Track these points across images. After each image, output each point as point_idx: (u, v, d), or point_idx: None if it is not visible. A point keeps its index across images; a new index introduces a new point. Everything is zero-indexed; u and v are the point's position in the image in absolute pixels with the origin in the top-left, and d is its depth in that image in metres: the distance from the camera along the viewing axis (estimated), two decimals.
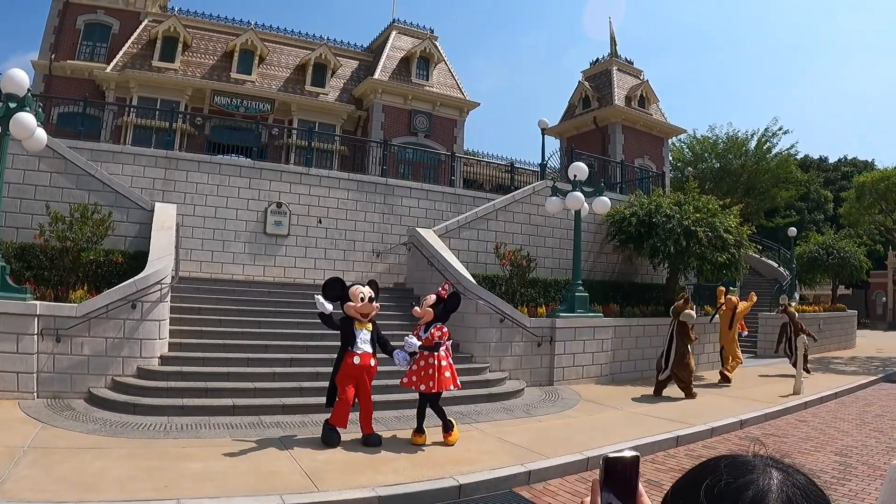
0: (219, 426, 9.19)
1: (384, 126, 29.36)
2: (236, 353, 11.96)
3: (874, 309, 58.53)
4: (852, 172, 53.14)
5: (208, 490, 6.40)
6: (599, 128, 34.80)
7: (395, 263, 19.39)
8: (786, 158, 39.87)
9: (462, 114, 32.05)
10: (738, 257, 18.86)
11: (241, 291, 15.02)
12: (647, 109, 35.62)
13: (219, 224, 17.76)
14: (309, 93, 29.88)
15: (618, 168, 27.40)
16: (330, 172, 20.26)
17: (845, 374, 19.36)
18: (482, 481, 7.49)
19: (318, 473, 7.19)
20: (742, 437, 11.07)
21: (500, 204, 19.32)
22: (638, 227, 18.42)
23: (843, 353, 26.86)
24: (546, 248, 19.63)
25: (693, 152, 41.45)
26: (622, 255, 20.58)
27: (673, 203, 18.90)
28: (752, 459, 1.09)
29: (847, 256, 32.49)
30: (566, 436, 9.96)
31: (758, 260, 33.56)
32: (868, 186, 24.76)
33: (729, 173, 38.89)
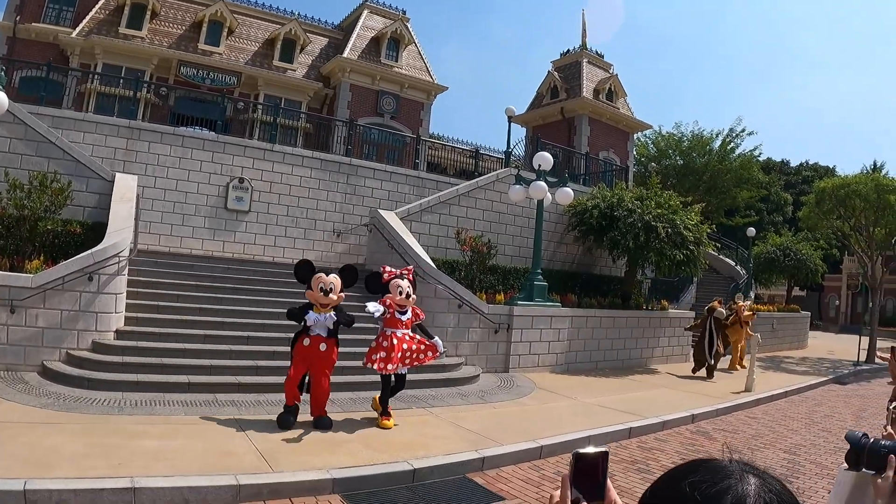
0: (174, 403, 9.12)
1: (351, 105, 29.14)
2: (193, 329, 11.84)
3: (827, 311, 59.77)
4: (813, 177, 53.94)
5: (162, 469, 6.36)
6: (566, 119, 34.88)
7: (356, 244, 19.31)
8: (749, 159, 40.29)
9: (430, 97, 31.95)
10: (697, 254, 19.09)
11: (200, 267, 14.86)
12: (614, 103, 35.78)
13: (179, 197, 17.53)
14: (277, 68, 29.53)
15: (582, 160, 27.58)
16: (294, 150, 20.12)
17: (796, 374, 19.75)
18: (436, 466, 7.55)
19: (272, 454, 7.19)
20: (693, 431, 11.28)
21: (464, 189, 19.35)
22: (599, 220, 18.55)
23: (796, 352, 27.38)
24: (507, 236, 19.72)
25: (658, 148, 41.71)
26: (582, 246, 20.72)
27: (635, 198, 19.05)
28: (729, 465, 1.12)
29: (804, 259, 33.07)
30: (521, 423, 10.06)
31: (716, 258, 33.98)
32: (828, 192, 25.03)
33: (692, 171, 39.22)
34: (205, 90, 26.77)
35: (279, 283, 14.88)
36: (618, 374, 16.25)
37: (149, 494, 5.88)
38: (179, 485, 6.03)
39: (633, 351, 18.23)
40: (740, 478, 1.07)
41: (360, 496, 6.67)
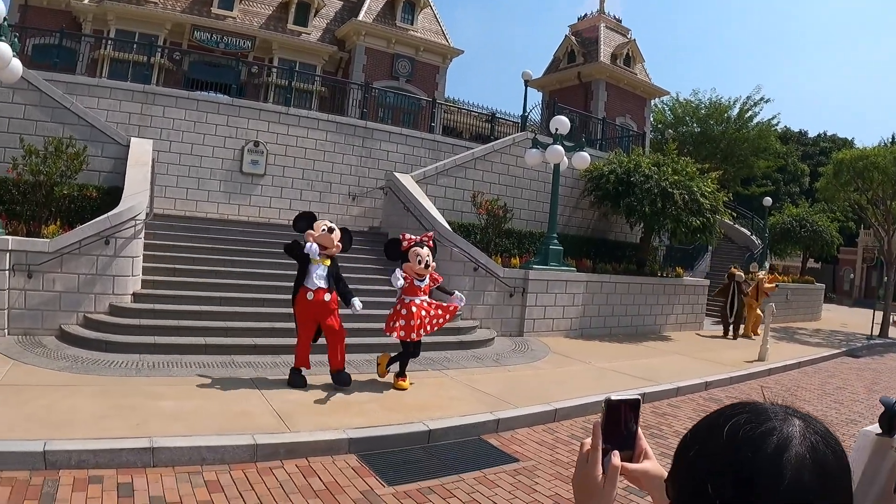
0: (190, 364, 9.21)
1: (366, 69, 28.92)
2: (209, 291, 11.89)
3: (841, 285, 59.32)
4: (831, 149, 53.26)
5: (180, 428, 6.43)
6: (583, 83, 34.54)
7: (371, 207, 19.30)
8: (766, 128, 39.90)
9: (445, 61, 31.67)
10: (713, 222, 18.95)
11: (216, 230, 14.85)
12: (632, 68, 35.36)
13: (195, 161, 17.54)
14: (291, 32, 29.32)
15: (599, 125, 27.35)
16: (309, 113, 20.00)
17: (809, 346, 19.65)
18: (451, 427, 7.60)
19: (288, 414, 7.25)
20: (706, 398, 11.29)
21: (480, 153, 19.25)
22: (616, 185, 18.42)
23: (809, 324, 27.25)
24: (522, 200, 19.64)
25: (675, 115, 41.33)
26: (598, 211, 20.61)
27: (652, 163, 18.90)
28: (772, 407, 1.09)
29: (819, 230, 32.74)
30: (535, 386, 10.10)
31: (731, 227, 33.74)
32: (846, 163, 24.69)
33: (709, 139, 38.90)
34: (219, 54, 26.62)
35: None
36: (632, 340, 16.26)
37: (167, 454, 5.94)
38: (197, 444, 6.10)
39: (647, 317, 18.21)
40: (784, 419, 1.05)
41: (375, 456, 6.71)
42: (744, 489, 0.96)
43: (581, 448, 1.37)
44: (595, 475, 1.32)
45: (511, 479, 6.48)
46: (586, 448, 1.35)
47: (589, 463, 1.33)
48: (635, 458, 1.39)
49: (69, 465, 5.62)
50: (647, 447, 1.40)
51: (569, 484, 6.45)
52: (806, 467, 0.97)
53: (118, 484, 5.47)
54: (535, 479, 6.53)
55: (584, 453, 1.35)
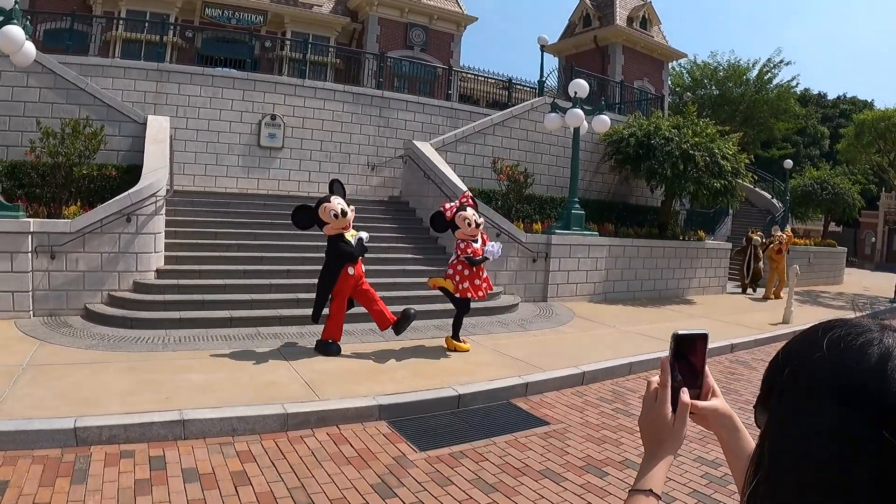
0: (217, 338, 9.23)
1: (380, 39, 28.67)
2: (232, 265, 11.89)
3: (862, 248, 58.74)
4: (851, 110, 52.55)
5: (209, 400, 6.43)
6: (599, 48, 34.16)
7: (391, 177, 19.17)
8: (786, 90, 39.34)
9: (459, 28, 31.36)
10: (734, 185, 18.73)
11: (236, 204, 14.84)
12: (648, 31, 34.93)
13: (212, 137, 17.45)
14: (303, 4, 29.06)
15: (617, 88, 27.03)
16: (325, 84, 19.83)
17: (832, 308, 19.51)
18: (480, 392, 7.59)
19: (317, 383, 7.25)
20: (732, 360, 11.23)
21: (498, 119, 19.09)
22: (636, 149, 18.23)
23: (831, 288, 27.02)
24: (542, 166, 19.50)
25: (693, 78, 40.82)
26: (619, 175, 20.42)
27: (672, 126, 18.67)
28: (868, 322, 1.02)
29: (841, 193, 32.32)
30: (561, 350, 10.07)
31: (751, 190, 33.39)
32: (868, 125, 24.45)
33: (728, 101, 38.39)
34: (231, 30, 26.50)
35: None
36: (655, 304, 16.16)
37: (198, 426, 5.95)
38: (227, 415, 6.10)
39: (671, 281, 18.09)
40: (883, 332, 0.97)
41: (406, 422, 6.71)
42: (850, 398, 0.89)
43: (648, 387, 1.33)
44: (664, 413, 1.29)
45: (542, 442, 6.47)
46: (653, 386, 1.31)
47: (658, 401, 1.30)
48: (702, 396, 1.35)
49: (100, 440, 5.63)
50: (714, 384, 1.36)
51: (600, 445, 6.45)
52: None
53: (150, 457, 5.48)
54: (566, 442, 6.51)
55: (651, 392, 1.32)
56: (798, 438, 0.92)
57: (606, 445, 6.50)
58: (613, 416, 7.45)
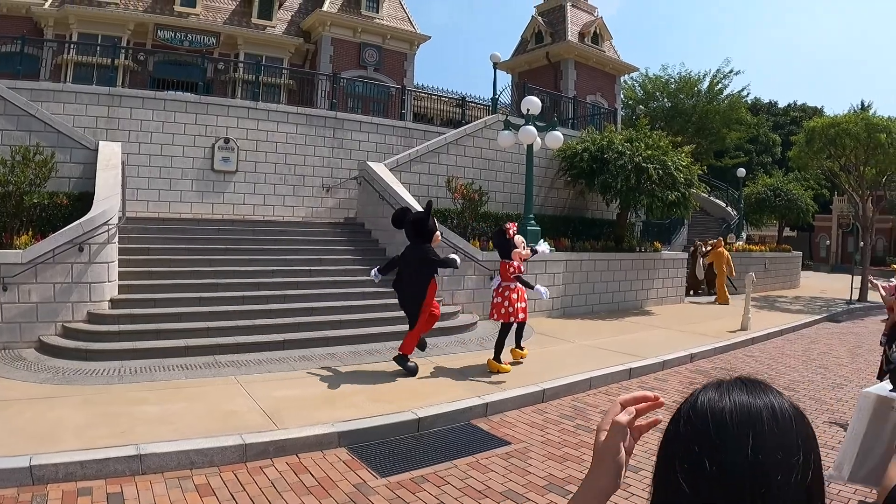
0: (174, 368, 9.09)
1: (333, 60, 28.77)
2: (187, 292, 11.76)
3: (818, 251, 60.00)
4: (801, 118, 53.64)
5: (167, 433, 6.34)
6: (552, 63, 34.53)
7: (346, 198, 19.15)
8: (737, 100, 40.05)
9: (412, 47, 31.56)
10: (688, 196, 19.01)
11: (190, 230, 14.75)
12: (600, 46, 35.39)
13: (165, 162, 17.27)
14: (255, 26, 29.06)
15: (570, 104, 27.33)
16: (278, 106, 19.79)
17: (790, 313, 19.84)
18: (440, 414, 7.59)
19: (276, 411, 7.19)
20: (693, 370, 11.40)
21: (452, 137, 19.18)
22: (590, 163, 18.42)
23: (788, 292, 27.51)
24: (497, 183, 19.63)
25: (645, 91, 41.37)
26: (573, 190, 20.61)
27: (625, 140, 18.91)
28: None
29: (794, 199, 33.04)
30: (522, 368, 10.15)
31: (706, 199, 34.05)
32: (818, 131, 24.87)
33: (680, 113, 38.98)
34: (184, 53, 26.34)
35: (270, 242, 14.84)
36: (614, 317, 16.31)
37: (155, 460, 5.86)
38: (185, 448, 6.02)
39: (628, 293, 18.28)
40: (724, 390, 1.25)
41: (366, 447, 6.69)
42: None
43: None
44: (598, 438, 1.40)
45: (504, 463, 6.48)
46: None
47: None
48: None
49: (57, 478, 5.52)
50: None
51: (562, 463, 6.50)
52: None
53: (107, 494, 5.38)
54: (527, 461, 6.54)
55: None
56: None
57: (568, 463, 6.53)
58: (574, 433, 7.49)
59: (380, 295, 13.22)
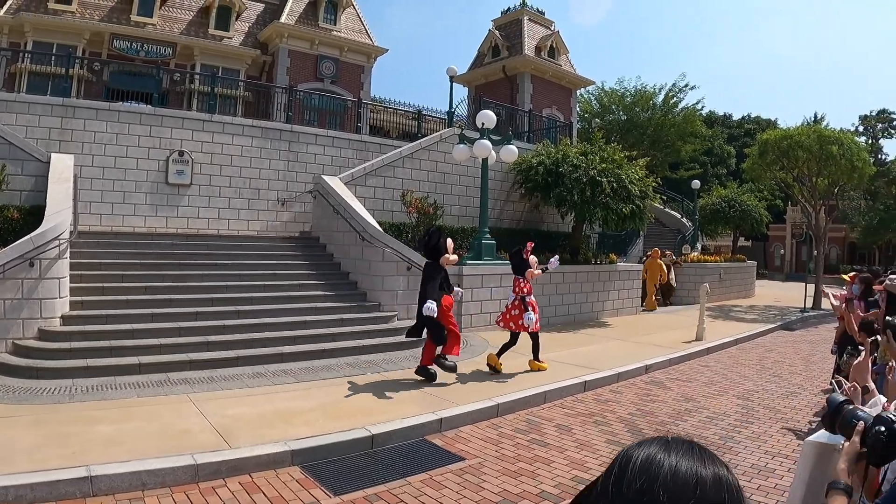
0: (126, 386, 8.98)
1: (290, 72, 28.67)
2: (140, 308, 11.65)
3: (772, 260, 61.25)
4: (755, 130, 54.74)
5: (118, 453, 6.27)
6: (508, 77, 34.77)
7: (301, 212, 19.07)
8: (692, 113, 40.79)
9: (370, 60, 31.56)
10: (643, 208, 19.29)
11: (144, 245, 14.59)
12: (556, 60, 35.73)
13: (119, 175, 17.06)
14: (212, 36, 28.84)
15: (526, 117, 27.56)
16: (233, 119, 19.68)
17: (745, 322, 20.20)
18: (394, 430, 7.59)
19: (228, 430, 7.16)
20: (648, 382, 11.52)
21: (407, 151, 19.27)
22: (545, 177, 18.60)
23: (743, 301, 27.98)
24: (453, 196, 19.76)
25: (601, 104, 41.93)
26: (529, 203, 20.79)
27: (580, 153, 19.13)
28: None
29: (748, 209, 33.71)
30: (476, 383, 10.19)
31: (661, 211, 34.58)
32: (771, 143, 25.47)
33: (636, 126, 39.54)
34: (139, 63, 26.04)
35: (225, 256, 14.78)
36: (570, 329, 16.44)
37: (106, 482, 5.80)
38: (136, 469, 5.96)
39: (584, 305, 18.46)
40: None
41: (319, 466, 6.67)
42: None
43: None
44: None
45: (458, 479, 6.50)
46: None
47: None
48: None
49: (7, 500, 5.43)
50: None
51: (516, 478, 6.54)
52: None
53: None
54: (481, 477, 6.56)
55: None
56: None
57: (523, 478, 6.56)
58: (529, 448, 7.53)
59: (335, 310, 13.28)
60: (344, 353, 11.54)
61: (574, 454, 7.34)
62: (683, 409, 9.57)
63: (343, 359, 11.31)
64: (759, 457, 7.39)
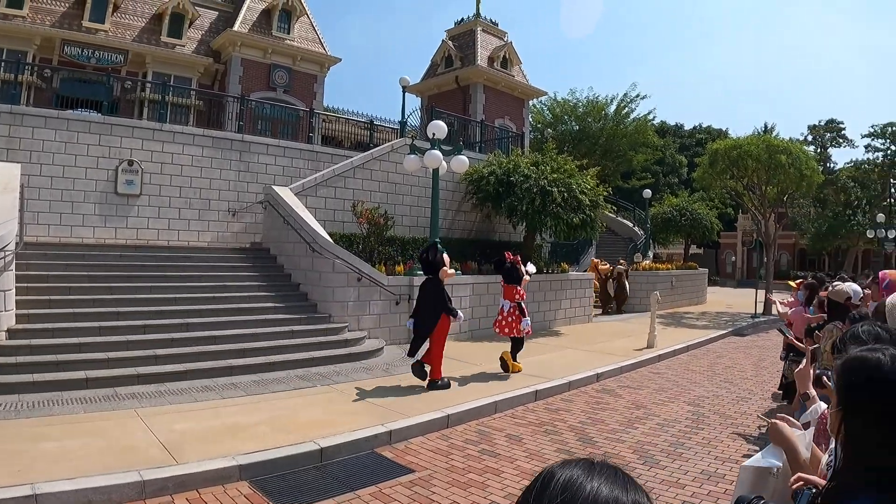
0: (73, 401, 8.87)
1: (242, 80, 28.46)
2: (88, 322, 11.47)
3: (724, 267, 62.44)
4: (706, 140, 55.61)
5: (65, 471, 6.22)
6: (461, 87, 34.95)
7: (252, 223, 18.95)
8: (643, 123, 41.35)
9: (323, 69, 31.49)
10: (594, 217, 19.56)
11: (92, 256, 14.39)
12: (509, 71, 36.00)
13: (67, 184, 16.78)
14: (165, 44, 28.52)
15: (478, 127, 27.79)
16: (184, 128, 19.46)
17: (697, 328, 20.57)
18: (343, 443, 7.62)
19: (176, 445, 7.13)
20: (599, 390, 11.68)
21: (358, 161, 19.29)
22: (496, 186, 18.77)
23: (695, 308, 28.48)
24: (404, 206, 19.83)
25: (553, 114, 42.28)
26: (481, 213, 20.93)
27: (531, 163, 19.34)
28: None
29: (699, 218, 34.35)
30: (427, 394, 10.27)
31: (613, 220, 35.02)
32: (721, 153, 26.02)
33: (588, 136, 39.95)
34: (90, 70, 25.66)
35: (174, 268, 14.65)
36: None
37: (51, 500, 5.74)
38: (83, 486, 5.91)
39: (537, 314, 18.55)
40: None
41: (268, 480, 6.68)
42: None
43: None
44: None
45: (407, 492, 6.54)
46: None
47: None
48: None
49: None
50: None
51: (466, 490, 6.58)
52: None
53: None
54: (431, 490, 6.60)
55: None
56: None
57: (472, 489, 6.61)
58: (479, 459, 7.59)
59: (285, 322, 13.27)
60: (294, 366, 11.55)
61: (524, 464, 7.42)
62: (634, 417, 9.74)
63: (293, 371, 11.31)
64: (710, 462, 7.55)
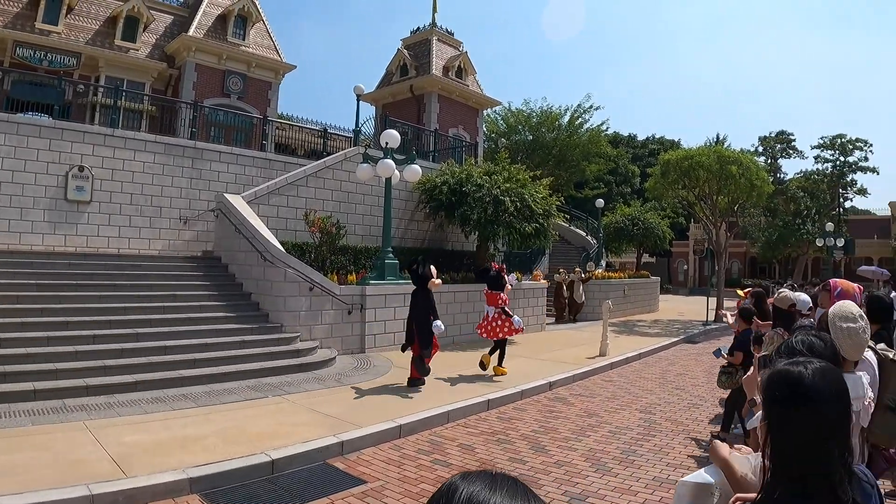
0: (19, 413, 8.73)
1: (196, 86, 28.18)
2: (36, 331, 11.31)
3: (676, 276, 63.41)
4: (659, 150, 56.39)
5: (11, 485, 6.14)
6: (416, 96, 35.01)
7: (204, 231, 18.82)
8: (597, 133, 41.90)
9: (278, 76, 31.33)
10: (546, 226, 19.78)
11: (41, 264, 14.18)
12: (464, 80, 36.17)
13: (16, 190, 16.47)
14: (119, 48, 28.09)
15: (432, 137, 27.92)
16: (136, 134, 19.22)
17: (649, 336, 20.86)
18: (295, 455, 7.62)
19: (125, 458, 7.07)
20: (551, 398, 11.80)
21: (311, 170, 19.29)
22: (449, 196, 18.91)
23: (648, 316, 28.87)
24: (357, 216, 19.86)
25: (507, 124, 42.62)
26: (434, 222, 21.04)
27: (484, 172, 19.52)
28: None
29: (651, 227, 34.93)
30: (379, 404, 10.28)
31: (567, 229, 35.33)
32: (673, 164, 26.46)
33: (541, 146, 40.34)
34: (42, 72, 25.21)
35: (124, 277, 14.51)
36: (475, 347, 16.53)
37: None
38: (30, 501, 5.84)
39: None
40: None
41: (219, 493, 6.66)
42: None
43: None
44: None
45: (360, 503, 6.55)
46: None
47: None
48: None
49: None
50: None
51: (418, 500, 6.58)
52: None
53: None
54: (383, 501, 6.62)
55: None
56: None
57: (425, 500, 6.50)
58: (432, 469, 7.62)
59: (237, 332, 13.22)
60: (245, 376, 11.51)
61: None
62: (586, 425, 9.87)
63: (244, 382, 11.28)
64: (662, 469, 7.68)
